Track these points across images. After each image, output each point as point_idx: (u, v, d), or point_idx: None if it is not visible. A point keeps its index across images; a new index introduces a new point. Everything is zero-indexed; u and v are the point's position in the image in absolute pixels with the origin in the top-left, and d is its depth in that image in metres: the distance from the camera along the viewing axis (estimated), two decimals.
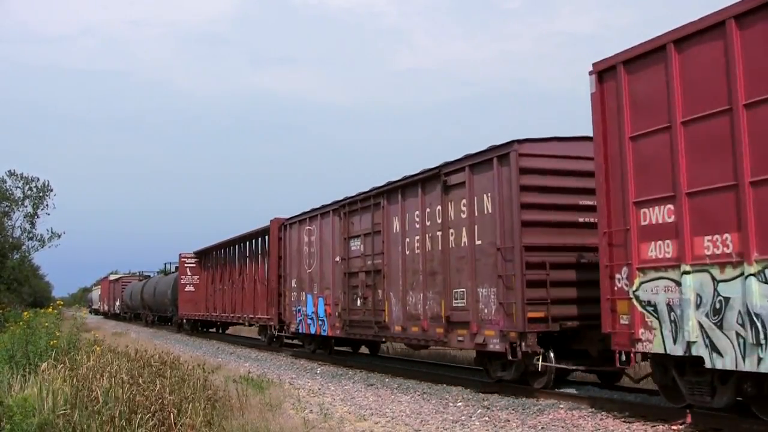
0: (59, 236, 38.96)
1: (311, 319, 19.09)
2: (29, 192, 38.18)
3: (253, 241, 25.78)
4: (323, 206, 18.50)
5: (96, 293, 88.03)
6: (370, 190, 15.93)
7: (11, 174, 38.10)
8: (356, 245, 16.56)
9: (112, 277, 68.10)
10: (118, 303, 60.78)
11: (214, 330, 34.61)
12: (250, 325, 26.11)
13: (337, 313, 17.43)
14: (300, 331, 20.08)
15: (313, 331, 19.12)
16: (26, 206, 38.19)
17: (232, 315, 27.88)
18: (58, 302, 22.74)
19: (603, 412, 9.80)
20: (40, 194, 38.28)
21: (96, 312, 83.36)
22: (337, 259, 17.26)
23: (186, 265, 34.32)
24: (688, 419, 8.74)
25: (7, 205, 37.61)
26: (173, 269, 43.07)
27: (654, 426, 8.87)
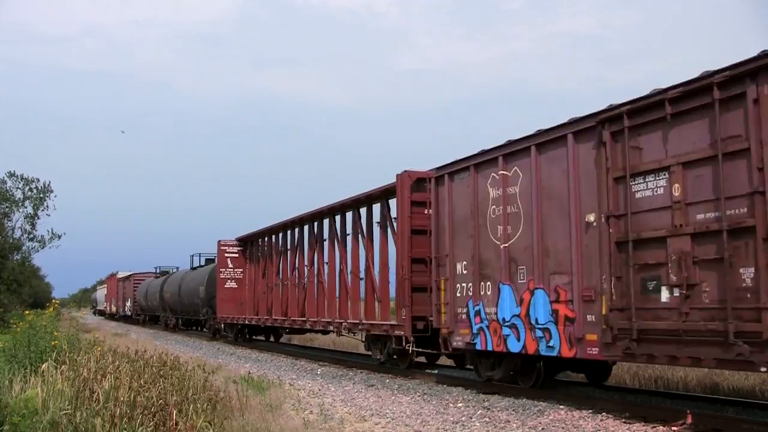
0: (59, 237, 38.99)
1: (511, 326, 11.69)
2: (29, 193, 38.19)
3: (345, 215, 19.11)
4: (545, 131, 11.17)
5: (101, 293, 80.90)
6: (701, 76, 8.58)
7: (11, 175, 38.13)
8: (655, 187, 9.10)
9: (121, 275, 60.23)
10: (129, 303, 53.91)
11: (263, 338, 28.24)
12: (341, 334, 18.91)
13: (598, 316, 9.95)
14: (478, 345, 12.49)
15: (516, 348, 11.53)
16: (26, 207, 38.21)
17: (306, 320, 20.90)
18: (54, 302, 22.73)
19: (603, 413, 9.81)
20: (41, 195, 38.29)
21: (101, 313, 77.16)
22: (591, 218, 10.16)
23: (227, 255, 28.14)
24: (689, 419, 8.75)
25: (7, 206, 37.61)
26: (201, 263, 36.46)
27: (654, 426, 8.88)
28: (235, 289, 27.90)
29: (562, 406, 10.47)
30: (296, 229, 22.81)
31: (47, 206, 38.42)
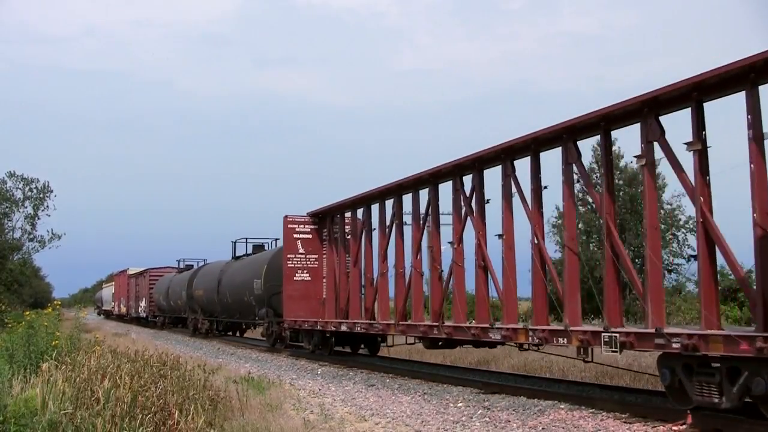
0: (59, 237, 39.05)
1: None
2: (29, 193, 38.27)
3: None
4: None
5: (108, 291, 72.30)
6: None
7: (11, 175, 38.24)
8: None
9: (133, 270, 52.73)
10: (143, 303, 46.48)
11: (349, 349, 20.05)
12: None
13: None
14: None
15: None
16: (26, 207, 38.26)
17: (475, 326, 12.62)
18: (56, 302, 22.72)
19: (603, 413, 9.81)
20: (41, 195, 38.40)
21: (108, 314, 69.77)
22: None
23: (296, 235, 20.45)
24: (689, 420, 8.75)
25: (7, 206, 37.64)
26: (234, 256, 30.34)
27: (654, 426, 8.88)
28: (308, 282, 20.34)
29: (562, 406, 10.48)
30: (426, 190, 14.77)
31: (47, 206, 38.55)
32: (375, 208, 17.26)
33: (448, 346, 14.69)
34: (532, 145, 11.62)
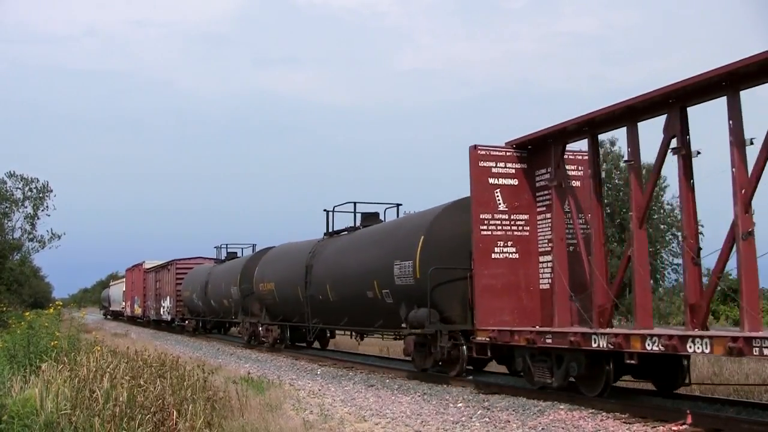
0: (59, 237, 39.00)
1: None
2: (29, 193, 38.20)
3: None
4: None
5: (117, 289, 62.51)
6: None
7: (11, 175, 38.14)
8: None
9: (150, 264, 43.82)
10: (168, 303, 37.45)
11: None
12: None
13: None
14: None
15: None
16: (26, 207, 38.23)
17: None
18: (57, 303, 22.74)
19: (603, 413, 9.81)
20: (40, 195, 38.30)
21: (116, 316, 62.08)
22: None
23: (494, 180, 12.58)
24: (689, 420, 8.75)
25: (7, 206, 37.64)
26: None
27: (654, 427, 8.88)
28: (515, 262, 12.48)
29: (562, 406, 10.47)
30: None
31: (47, 206, 38.45)
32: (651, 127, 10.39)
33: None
34: None
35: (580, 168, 12.55)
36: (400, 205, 18.95)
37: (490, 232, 12.43)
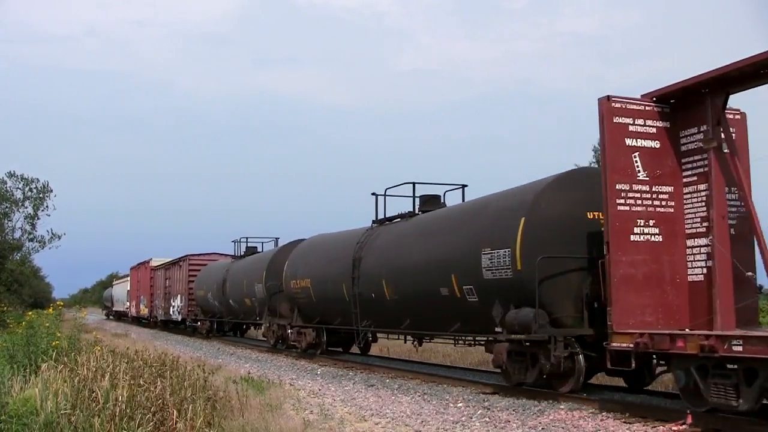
0: (59, 237, 39.03)
1: None
2: (29, 193, 38.25)
3: None
4: None
5: (121, 289, 59.29)
6: None
7: (11, 175, 38.20)
8: None
9: (158, 261, 41.67)
10: (179, 302, 34.82)
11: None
12: None
13: None
14: None
15: None
16: (26, 207, 38.26)
17: None
18: (57, 303, 22.76)
19: (603, 413, 9.80)
20: (40, 195, 38.36)
21: (120, 316, 59.48)
22: None
23: (631, 141, 9.90)
24: (689, 420, 8.74)
25: (7, 206, 37.66)
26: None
27: (654, 427, 8.87)
28: (659, 246, 9.99)
29: (562, 406, 10.46)
30: None
31: (47, 206, 38.50)
32: None
33: None
34: None
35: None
36: (466, 186, 15.85)
37: (628, 208, 9.81)
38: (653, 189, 9.98)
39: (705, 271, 9.62)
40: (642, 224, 9.86)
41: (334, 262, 17.92)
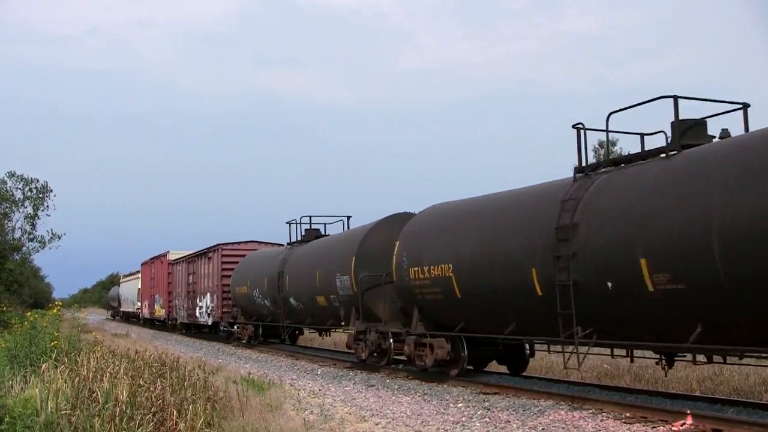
0: (59, 237, 39.01)
1: None
2: (29, 193, 38.23)
3: None
4: None
5: (130, 287, 53.13)
6: None
7: (11, 175, 38.18)
8: None
9: (176, 254, 36.02)
10: (210, 303, 28.70)
11: None
12: None
13: None
14: None
15: None
16: (26, 207, 38.25)
17: None
18: (58, 303, 22.80)
19: (603, 413, 9.80)
20: (40, 195, 38.33)
21: (128, 317, 54.40)
22: None
23: None
24: (689, 420, 8.75)
25: (7, 206, 37.65)
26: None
27: (654, 427, 8.87)
28: None
29: (562, 406, 10.47)
30: None
31: (47, 206, 38.47)
32: None
33: None
34: None
35: None
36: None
37: None
38: None
39: None
40: None
41: (516, 233, 11.77)
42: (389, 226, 16.39)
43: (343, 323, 18.21)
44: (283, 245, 24.64)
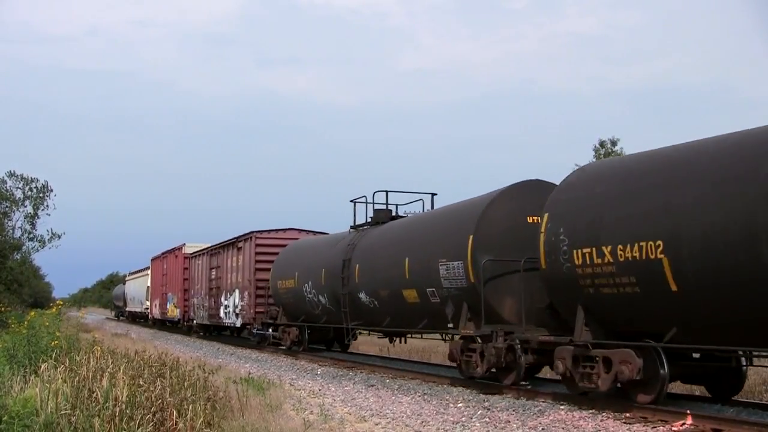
0: (59, 237, 38.97)
1: None
2: (29, 193, 38.18)
3: None
4: None
5: (137, 285, 48.96)
6: None
7: (11, 174, 38.13)
8: None
9: (192, 248, 32.28)
10: (238, 301, 24.55)
11: None
12: None
13: None
14: None
15: None
16: (26, 207, 38.21)
17: None
18: (58, 302, 22.76)
19: (603, 413, 9.80)
20: (40, 195, 38.28)
21: (136, 318, 50.76)
22: None
23: None
24: (689, 420, 8.74)
25: (7, 206, 37.63)
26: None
27: (655, 427, 8.87)
28: None
29: (562, 406, 10.47)
30: None
31: (47, 206, 38.42)
32: None
33: None
34: None
35: None
36: None
37: None
38: None
39: None
40: None
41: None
42: (516, 197, 12.81)
43: (450, 325, 13.54)
44: (326, 234, 21.40)
